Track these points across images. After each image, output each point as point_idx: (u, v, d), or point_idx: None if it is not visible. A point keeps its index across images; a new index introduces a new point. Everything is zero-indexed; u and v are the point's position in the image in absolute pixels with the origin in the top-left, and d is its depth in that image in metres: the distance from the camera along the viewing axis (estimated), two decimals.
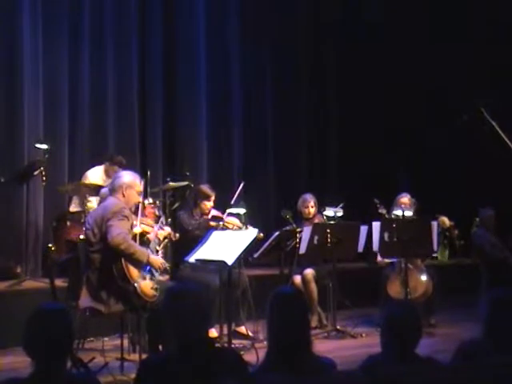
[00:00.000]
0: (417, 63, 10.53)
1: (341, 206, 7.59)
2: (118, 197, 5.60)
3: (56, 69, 8.43)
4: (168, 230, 6.50)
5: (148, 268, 5.59)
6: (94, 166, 7.99)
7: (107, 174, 7.85)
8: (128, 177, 5.70)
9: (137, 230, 5.71)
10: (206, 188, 7.26)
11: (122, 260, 5.35)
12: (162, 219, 6.44)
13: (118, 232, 5.35)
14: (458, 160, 10.36)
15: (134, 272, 5.40)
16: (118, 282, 5.36)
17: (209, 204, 7.14)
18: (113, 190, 5.68)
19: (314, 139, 10.61)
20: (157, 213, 6.95)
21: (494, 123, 8.04)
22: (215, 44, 9.79)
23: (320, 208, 7.71)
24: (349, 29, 10.53)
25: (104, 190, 6.36)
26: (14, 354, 5.93)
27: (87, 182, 7.67)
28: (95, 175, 7.86)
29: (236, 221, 7.11)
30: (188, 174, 7.83)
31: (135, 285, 5.35)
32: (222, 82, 9.87)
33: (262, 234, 6.89)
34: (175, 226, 6.99)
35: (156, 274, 5.69)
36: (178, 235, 6.77)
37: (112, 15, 8.96)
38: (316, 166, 10.54)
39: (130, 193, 5.63)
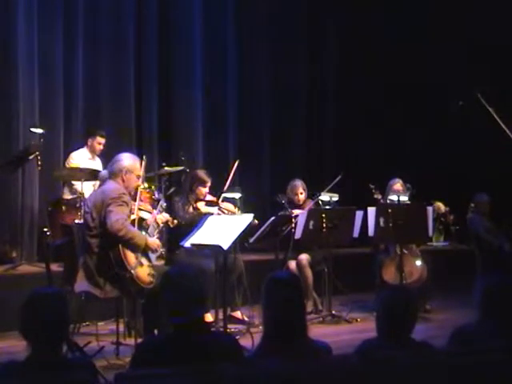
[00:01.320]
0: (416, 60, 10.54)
1: (339, 177, 7.57)
2: (117, 181, 5.57)
3: (51, 52, 8.39)
4: (167, 216, 6.50)
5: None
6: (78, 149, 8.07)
7: (92, 148, 8.00)
8: (128, 160, 5.65)
9: (133, 217, 5.69)
10: (202, 173, 7.26)
11: (120, 247, 5.34)
12: (162, 202, 6.39)
13: (117, 218, 5.32)
14: (454, 145, 10.36)
15: (131, 259, 5.39)
16: (114, 269, 5.35)
17: (204, 190, 7.15)
18: (112, 174, 5.63)
19: (310, 123, 10.60)
20: (156, 196, 6.93)
21: (490, 109, 8.04)
22: (211, 26, 9.76)
23: (316, 193, 7.69)
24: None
25: (103, 173, 6.35)
26: (10, 338, 5.94)
27: (73, 164, 7.76)
28: (80, 156, 7.93)
29: (231, 207, 7.12)
30: (183, 158, 7.82)
31: (132, 271, 5.34)
32: (217, 66, 9.86)
33: (256, 221, 6.89)
34: (171, 211, 6.98)
35: (153, 258, 5.68)
36: (175, 221, 6.77)
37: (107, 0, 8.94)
38: (312, 152, 10.54)
39: (130, 177, 5.60)
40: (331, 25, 10.72)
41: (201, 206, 7.16)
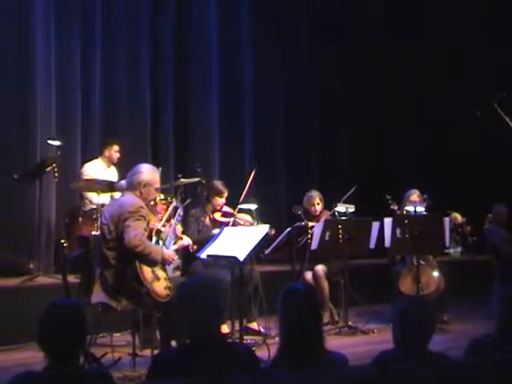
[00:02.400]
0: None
1: (353, 188, 7.56)
2: (135, 193, 5.55)
3: (68, 65, 8.46)
4: (189, 240, 6.52)
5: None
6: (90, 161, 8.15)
7: (110, 158, 8.09)
8: (147, 173, 5.61)
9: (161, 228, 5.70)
10: (218, 184, 7.29)
11: (136, 262, 5.32)
12: (180, 211, 6.39)
13: (135, 234, 5.31)
14: (472, 155, 10.33)
15: (147, 273, 5.37)
16: (131, 284, 5.35)
17: (221, 200, 7.17)
18: (130, 186, 5.60)
19: (325, 135, 10.60)
20: (174, 203, 6.93)
21: (507, 118, 8.01)
22: (227, 37, 9.84)
23: (332, 204, 7.68)
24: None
25: (122, 183, 6.35)
26: (28, 350, 5.97)
27: (87, 176, 7.83)
28: (94, 168, 8.00)
29: (247, 217, 7.13)
30: (199, 170, 7.84)
31: (148, 286, 5.32)
32: (233, 79, 9.91)
33: (273, 231, 6.91)
34: (185, 225, 7.01)
35: (169, 269, 5.68)
36: (195, 247, 6.77)
37: (124, 5, 9.02)
38: (327, 162, 10.53)
39: (148, 190, 5.58)
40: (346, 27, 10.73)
41: (217, 216, 7.17)
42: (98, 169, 8.00)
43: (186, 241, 6.59)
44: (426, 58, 10.60)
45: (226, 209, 7.23)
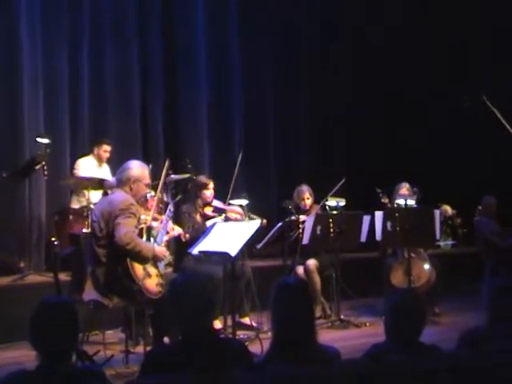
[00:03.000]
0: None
1: (342, 181, 7.56)
2: (125, 189, 5.54)
3: (55, 63, 8.44)
4: (179, 230, 6.50)
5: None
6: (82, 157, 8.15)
7: (99, 157, 8.08)
8: (136, 169, 5.62)
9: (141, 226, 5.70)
10: (202, 177, 7.31)
11: (128, 260, 5.32)
12: (170, 206, 6.38)
13: (126, 231, 5.30)
14: (461, 147, 10.36)
15: (138, 271, 5.37)
16: (122, 281, 5.34)
17: (208, 192, 7.15)
18: (120, 182, 5.60)
19: (316, 127, 10.59)
20: (165, 199, 6.92)
21: (495, 110, 8.04)
22: (215, 29, 9.80)
23: (322, 198, 7.69)
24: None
25: (111, 181, 6.34)
26: (19, 349, 5.96)
27: (80, 172, 7.85)
28: (87, 165, 7.99)
29: (237, 209, 7.12)
30: (190, 166, 7.83)
31: (139, 283, 5.32)
32: (222, 74, 9.89)
33: (265, 221, 6.92)
34: (179, 221, 6.99)
35: (161, 266, 5.68)
36: (188, 236, 6.77)
37: (111, 4, 8.98)
38: (318, 156, 10.53)
39: (138, 186, 5.58)
40: (341, 27, 10.73)
41: (208, 211, 7.15)
42: (90, 166, 8.01)
43: (177, 231, 6.57)
44: (424, 57, 10.61)
45: (217, 204, 7.21)
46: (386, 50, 10.53)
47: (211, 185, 7.18)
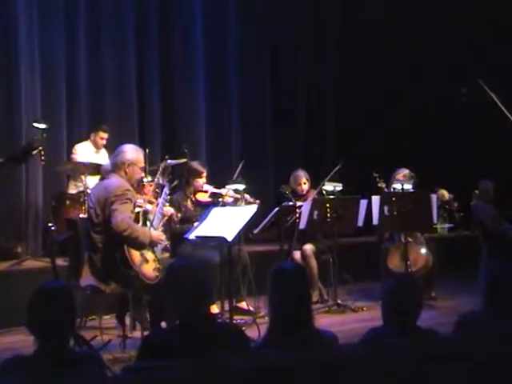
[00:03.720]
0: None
1: (338, 166, 7.55)
2: (120, 174, 5.52)
3: (52, 47, 8.39)
4: (171, 209, 6.48)
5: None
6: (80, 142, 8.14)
7: (95, 143, 8.07)
8: (131, 153, 5.58)
9: (137, 210, 5.67)
10: (196, 165, 7.23)
11: (124, 246, 5.32)
12: (166, 189, 6.35)
13: (122, 217, 5.28)
14: (458, 132, 10.35)
15: (135, 257, 5.37)
16: (119, 268, 5.34)
17: (201, 181, 7.12)
18: (115, 167, 5.58)
19: (312, 113, 10.58)
20: (160, 181, 6.89)
21: (493, 94, 8.03)
22: (212, 14, 9.75)
23: (319, 183, 7.68)
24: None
25: (106, 166, 6.32)
26: (18, 334, 5.97)
27: (78, 157, 7.85)
28: (85, 150, 7.99)
29: (231, 191, 7.10)
30: (186, 151, 7.81)
31: (136, 269, 5.32)
32: (219, 57, 9.85)
33: (258, 201, 6.91)
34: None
35: (158, 250, 5.67)
36: (179, 215, 6.76)
37: None
38: (314, 141, 10.51)
39: (133, 169, 5.55)
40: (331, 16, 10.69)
41: (201, 196, 7.11)
42: (88, 151, 7.99)
43: (169, 210, 6.53)
44: (418, 38, 10.57)
45: (213, 189, 7.18)
46: (382, 26, 10.49)
47: (205, 173, 7.14)
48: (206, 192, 7.12)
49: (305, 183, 7.76)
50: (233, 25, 9.95)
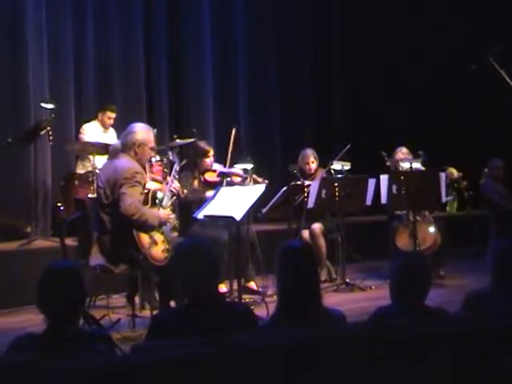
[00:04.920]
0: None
1: (348, 146, 7.53)
2: (130, 154, 5.47)
3: (60, 26, 8.37)
4: (177, 185, 6.48)
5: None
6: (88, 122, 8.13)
7: (103, 123, 8.04)
8: (141, 133, 5.52)
9: (150, 185, 5.66)
10: (202, 144, 7.17)
11: (133, 229, 5.30)
12: (176, 166, 6.33)
13: (131, 201, 5.26)
14: (467, 110, 10.30)
15: (144, 239, 5.35)
16: (128, 250, 5.35)
17: (208, 160, 7.08)
18: (125, 146, 5.51)
19: (319, 92, 10.54)
20: (171, 157, 6.86)
21: (502, 72, 7.98)
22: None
23: (327, 162, 7.67)
24: None
25: (115, 145, 6.31)
26: (27, 313, 6.01)
27: (86, 137, 7.83)
28: (92, 130, 7.97)
29: (239, 171, 7.08)
30: (194, 130, 7.80)
31: (145, 252, 5.30)
32: (227, 37, 9.81)
33: (266, 181, 6.90)
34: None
35: (167, 230, 5.67)
36: (185, 191, 6.76)
37: None
38: (322, 120, 10.48)
39: (143, 150, 5.49)
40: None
41: (209, 176, 7.10)
42: (95, 131, 7.99)
43: (176, 186, 6.53)
44: (424, 15, 10.50)
45: (216, 166, 7.16)
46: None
47: (211, 152, 7.12)
48: (214, 171, 7.10)
49: (313, 162, 7.75)
50: (241, 5, 9.88)
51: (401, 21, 10.39)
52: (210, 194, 6.53)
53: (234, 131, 7.41)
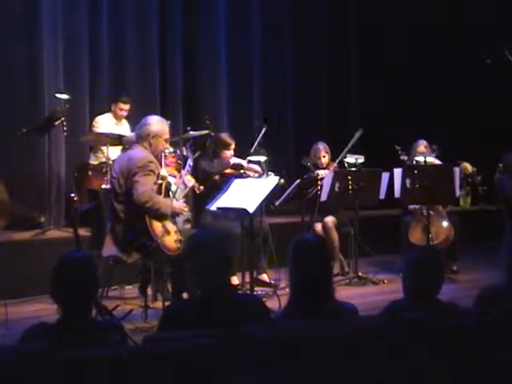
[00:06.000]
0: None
1: (359, 133, 7.51)
2: (144, 145, 5.53)
3: (75, 16, 8.37)
4: (193, 181, 6.49)
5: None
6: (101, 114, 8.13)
7: (115, 114, 8.03)
8: (156, 124, 5.59)
9: (163, 172, 5.68)
10: (225, 136, 7.20)
11: (146, 217, 5.34)
12: (189, 161, 6.34)
13: (144, 189, 5.30)
14: (482, 104, 10.24)
15: (157, 228, 5.38)
16: (141, 239, 5.38)
17: (229, 153, 7.08)
18: (140, 138, 5.58)
19: (334, 84, 10.50)
20: (185, 152, 6.87)
21: None
22: None
23: (341, 155, 7.64)
24: None
25: (130, 136, 6.32)
26: (41, 302, 6.05)
27: (99, 129, 7.82)
28: (106, 121, 7.97)
29: (256, 167, 7.10)
30: (208, 122, 7.80)
31: (158, 241, 5.34)
32: (241, 29, 9.79)
33: (282, 180, 6.89)
34: (197, 175, 6.96)
35: (180, 222, 5.69)
36: (202, 187, 6.75)
37: None
38: (336, 113, 10.45)
39: (158, 141, 5.56)
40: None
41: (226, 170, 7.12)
42: (109, 123, 7.99)
43: (191, 182, 6.55)
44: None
45: (234, 160, 7.17)
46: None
47: (233, 146, 7.11)
48: (234, 168, 7.10)
49: (324, 156, 7.72)
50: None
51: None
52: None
53: (263, 131, 7.37)
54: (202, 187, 6.73)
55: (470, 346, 2.78)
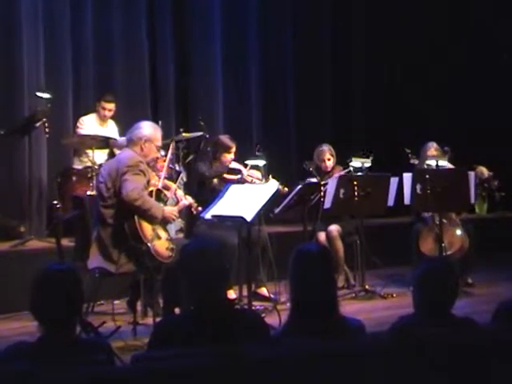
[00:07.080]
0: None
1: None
2: (135, 149, 5.62)
3: (57, 11, 8.38)
4: (190, 199, 6.52)
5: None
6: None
7: (99, 114, 7.99)
8: (148, 129, 5.71)
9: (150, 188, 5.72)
10: (226, 139, 7.20)
11: (136, 218, 5.39)
12: (182, 175, 6.42)
13: (133, 187, 5.38)
14: (498, 106, 10.26)
15: (147, 231, 5.44)
16: (130, 241, 5.41)
17: (229, 156, 7.09)
18: (131, 142, 5.68)
19: (337, 85, 10.52)
20: (177, 168, 6.93)
21: None
22: None
23: (345, 159, 7.65)
24: None
25: (121, 140, 6.36)
26: (19, 320, 6.03)
27: (83, 130, 7.81)
28: (91, 122, 7.97)
29: (257, 173, 7.10)
30: (202, 123, 7.80)
31: (148, 244, 5.39)
32: (237, 25, 9.80)
33: (286, 189, 6.91)
34: (194, 173, 6.98)
35: (172, 231, 5.73)
36: (199, 208, 6.76)
37: None
38: (341, 114, 10.46)
39: (149, 147, 5.65)
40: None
41: (229, 175, 7.12)
42: (94, 124, 7.98)
43: (188, 201, 6.58)
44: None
45: (234, 165, 7.17)
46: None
47: (234, 149, 7.12)
48: (235, 173, 7.11)
49: (329, 159, 7.72)
50: None
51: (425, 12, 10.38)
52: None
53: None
54: (199, 208, 6.74)
55: (488, 365, 2.77)
